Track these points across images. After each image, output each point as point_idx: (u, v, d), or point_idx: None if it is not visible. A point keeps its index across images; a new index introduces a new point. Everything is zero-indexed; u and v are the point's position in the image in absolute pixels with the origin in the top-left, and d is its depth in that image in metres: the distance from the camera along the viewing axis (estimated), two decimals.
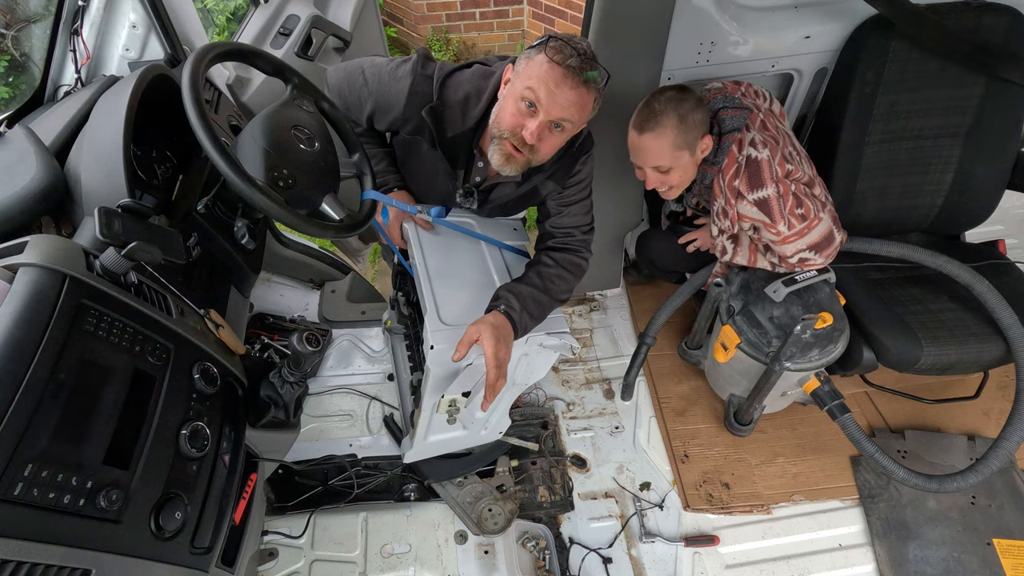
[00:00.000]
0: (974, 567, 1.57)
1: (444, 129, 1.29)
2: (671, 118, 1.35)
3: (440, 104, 1.27)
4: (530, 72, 1.13)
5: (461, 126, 1.28)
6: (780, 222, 1.38)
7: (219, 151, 0.99)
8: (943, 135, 1.69)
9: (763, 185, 1.37)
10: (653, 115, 1.37)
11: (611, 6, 1.43)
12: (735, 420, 1.83)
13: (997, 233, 2.14)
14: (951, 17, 1.57)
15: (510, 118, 1.17)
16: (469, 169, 1.38)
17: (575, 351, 1.45)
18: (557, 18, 3.95)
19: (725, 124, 1.42)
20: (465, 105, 1.27)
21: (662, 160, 1.41)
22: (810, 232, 1.41)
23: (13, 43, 1.62)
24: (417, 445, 1.56)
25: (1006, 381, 1.97)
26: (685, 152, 1.40)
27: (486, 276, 1.45)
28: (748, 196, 1.39)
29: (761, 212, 1.39)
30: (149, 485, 0.86)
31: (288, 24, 2.11)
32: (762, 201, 1.38)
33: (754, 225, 1.46)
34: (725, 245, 1.58)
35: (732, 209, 1.44)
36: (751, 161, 1.38)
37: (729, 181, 1.41)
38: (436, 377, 1.31)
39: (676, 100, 1.36)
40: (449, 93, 1.27)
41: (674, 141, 1.37)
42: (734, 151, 1.41)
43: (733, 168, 1.41)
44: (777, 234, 1.41)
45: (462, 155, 1.34)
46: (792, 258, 1.47)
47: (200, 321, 1.14)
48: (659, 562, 1.63)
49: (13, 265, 0.82)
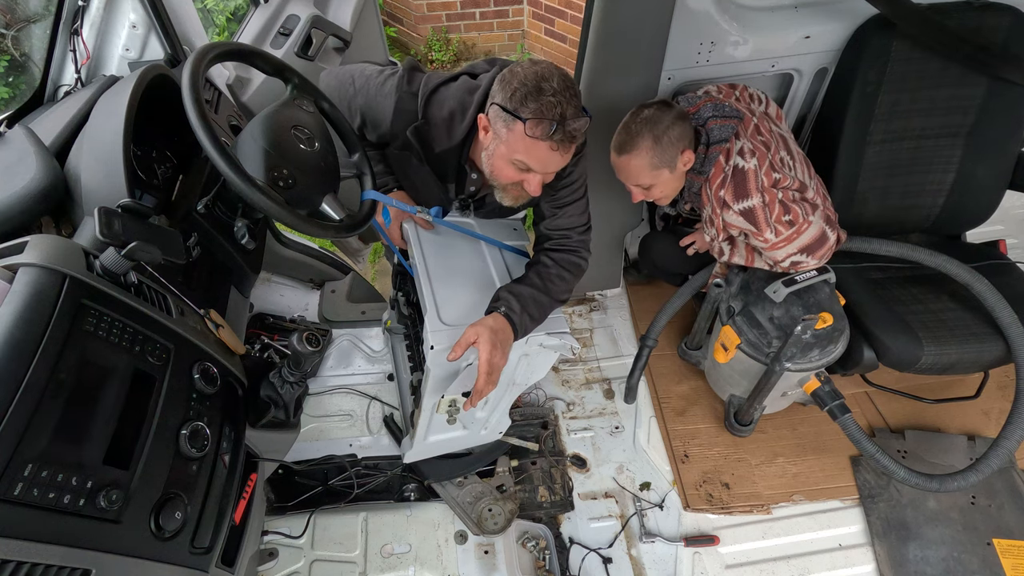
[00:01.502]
0: (974, 567, 1.57)
1: (431, 147, 1.30)
2: (646, 139, 1.40)
3: (425, 123, 1.26)
4: (514, 145, 1.13)
5: (448, 142, 1.28)
6: (767, 230, 1.40)
7: (219, 151, 0.99)
8: (944, 135, 1.69)
9: (748, 195, 1.38)
10: (630, 137, 1.42)
11: (611, 6, 1.43)
12: (735, 420, 1.83)
13: (998, 233, 2.14)
14: (953, 17, 1.57)
15: (509, 176, 1.20)
16: (462, 181, 1.39)
17: (575, 351, 1.45)
18: (557, 18, 3.95)
19: (712, 134, 1.44)
20: (451, 122, 1.26)
21: (642, 179, 1.47)
22: (800, 237, 1.41)
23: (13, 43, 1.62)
24: (417, 445, 1.56)
25: (1006, 381, 1.97)
26: (664, 170, 1.44)
27: (486, 276, 1.45)
28: (734, 206, 1.40)
29: (747, 221, 1.40)
30: (149, 485, 0.86)
31: (288, 24, 2.11)
32: (747, 211, 1.39)
33: (741, 231, 1.48)
34: (722, 247, 1.58)
35: (718, 218, 1.46)
36: (737, 171, 1.40)
37: (716, 191, 1.43)
38: (436, 377, 1.31)
39: (652, 121, 1.40)
40: (434, 111, 1.26)
41: (650, 161, 1.42)
42: (721, 161, 1.42)
43: (720, 178, 1.42)
44: (765, 241, 1.42)
45: (451, 170, 1.35)
46: (784, 262, 1.47)
47: (200, 321, 1.14)
48: (659, 562, 1.62)
49: (13, 265, 0.82)
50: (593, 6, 1.45)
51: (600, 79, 1.59)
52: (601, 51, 1.53)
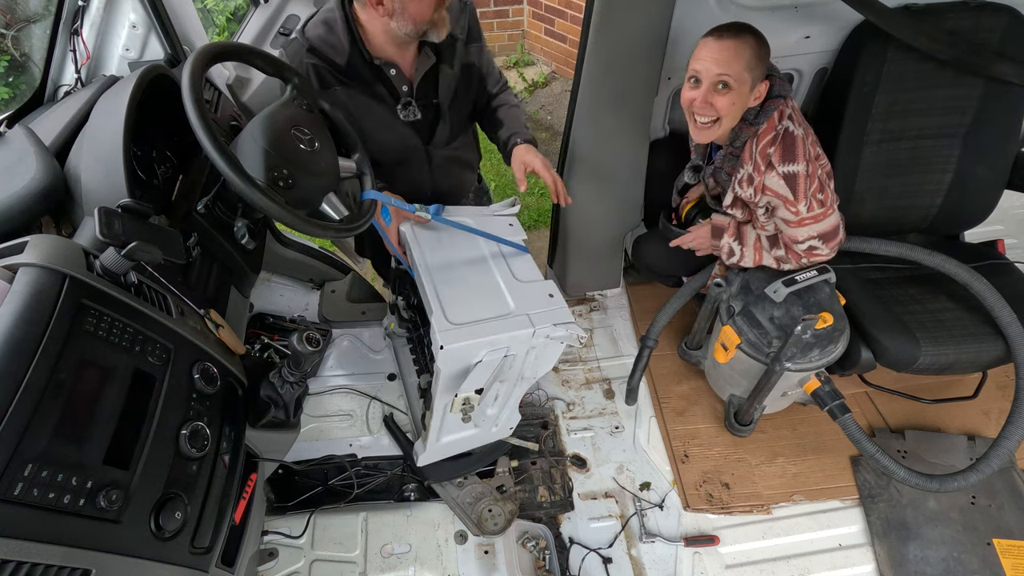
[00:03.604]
0: (974, 567, 1.57)
1: (334, 60, 1.39)
2: (754, 36, 1.32)
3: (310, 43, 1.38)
4: None
5: (344, 48, 1.38)
6: (802, 201, 1.36)
7: (219, 151, 1.00)
8: (942, 135, 1.69)
9: (795, 159, 1.34)
10: (736, 27, 1.32)
11: (611, 6, 1.43)
12: (735, 420, 1.83)
13: (996, 233, 2.14)
14: (949, 17, 1.57)
15: (425, 12, 1.29)
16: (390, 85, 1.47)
17: (582, 340, 1.45)
18: (557, 18, 3.95)
19: (772, 88, 1.38)
20: (331, 29, 1.37)
21: (732, 69, 1.31)
22: (823, 220, 1.39)
23: (13, 43, 1.62)
24: (430, 447, 1.56)
25: (1006, 381, 1.97)
26: (748, 80, 1.33)
27: (487, 274, 1.45)
28: (778, 167, 1.35)
29: (787, 187, 1.36)
30: (149, 485, 0.86)
31: (288, 24, 2.11)
32: (791, 176, 1.35)
33: (770, 204, 1.43)
34: (732, 247, 1.56)
35: (759, 177, 1.39)
36: (788, 133, 1.36)
37: (764, 147, 1.37)
38: (447, 377, 1.31)
39: (756, 30, 1.33)
40: (311, 31, 1.39)
41: (749, 60, 1.31)
42: (775, 118, 1.37)
43: (770, 135, 1.37)
44: (795, 213, 1.38)
45: (368, 73, 1.43)
46: (803, 244, 1.44)
47: (200, 321, 1.14)
48: (659, 562, 1.62)
49: (13, 265, 0.82)
50: (593, 6, 1.45)
51: (600, 79, 1.59)
52: (601, 51, 1.53)
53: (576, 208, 1.83)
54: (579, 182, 1.80)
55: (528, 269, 1.45)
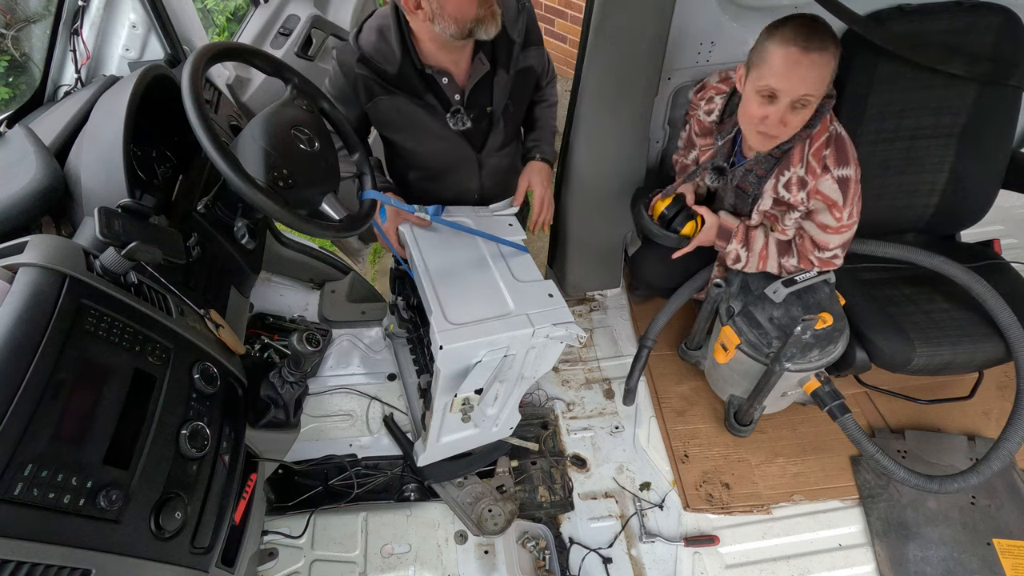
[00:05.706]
0: (974, 567, 1.57)
1: (385, 70, 1.37)
2: (835, 41, 1.13)
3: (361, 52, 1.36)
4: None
5: (396, 57, 1.35)
6: (848, 206, 1.30)
7: (219, 151, 0.99)
8: (937, 135, 1.68)
9: (848, 163, 1.28)
10: (820, 35, 1.11)
11: (611, 6, 1.43)
12: (735, 420, 1.83)
13: (993, 233, 2.14)
14: (943, 17, 1.56)
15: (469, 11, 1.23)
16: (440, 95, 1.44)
17: (582, 340, 1.45)
18: (557, 18, 3.95)
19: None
20: (383, 37, 1.35)
21: (819, 89, 1.16)
22: (852, 229, 1.36)
23: (13, 43, 1.62)
24: (430, 447, 1.56)
25: (1006, 381, 1.97)
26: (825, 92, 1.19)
27: (486, 274, 1.45)
28: (834, 171, 1.27)
29: (839, 191, 1.29)
30: (149, 485, 0.86)
31: (288, 24, 2.12)
32: (844, 180, 1.28)
33: (808, 209, 1.37)
34: (739, 253, 1.53)
35: (813, 181, 1.30)
36: (839, 136, 1.30)
37: (818, 150, 1.29)
38: (447, 377, 1.31)
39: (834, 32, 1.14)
40: (364, 38, 1.36)
41: (832, 71, 1.15)
42: (827, 120, 1.28)
43: (824, 137, 1.29)
44: (838, 220, 1.32)
45: (419, 82, 1.39)
46: (830, 252, 1.40)
47: (200, 321, 1.14)
48: (659, 562, 1.62)
49: (13, 265, 0.82)
50: (593, 6, 1.45)
51: (600, 79, 1.59)
52: (601, 51, 1.53)
53: (576, 208, 1.83)
54: (579, 182, 1.80)
55: (528, 269, 1.45)
